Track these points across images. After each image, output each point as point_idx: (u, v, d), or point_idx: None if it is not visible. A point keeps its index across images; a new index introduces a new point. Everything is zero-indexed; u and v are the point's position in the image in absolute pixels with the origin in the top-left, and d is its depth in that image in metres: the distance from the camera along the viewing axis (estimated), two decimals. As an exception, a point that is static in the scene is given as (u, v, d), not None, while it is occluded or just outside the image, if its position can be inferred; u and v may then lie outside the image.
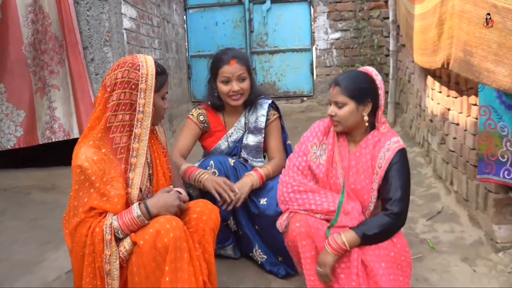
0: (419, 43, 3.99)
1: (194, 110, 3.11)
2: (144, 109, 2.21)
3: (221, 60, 3.01)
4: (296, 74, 8.14)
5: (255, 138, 3.08)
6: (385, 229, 2.35)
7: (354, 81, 2.44)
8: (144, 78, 2.20)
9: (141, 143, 2.23)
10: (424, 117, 4.84)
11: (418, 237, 3.37)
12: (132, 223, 2.16)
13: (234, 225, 2.98)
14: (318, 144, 2.54)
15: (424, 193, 4.09)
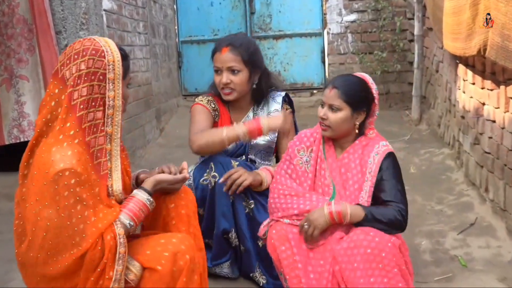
0: (450, 27, 3.99)
1: (200, 97, 3.15)
2: (114, 102, 2.19)
3: (217, 45, 3.06)
4: (304, 62, 8.14)
5: (265, 137, 3.10)
6: (390, 223, 2.49)
7: (353, 87, 2.64)
8: (111, 66, 2.17)
9: (113, 143, 2.22)
10: (454, 113, 4.85)
11: (448, 254, 3.37)
12: (142, 214, 2.25)
13: (236, 239, 2.98)
14: (306, 148, 2.73)
15: (454, 202, 4.09)
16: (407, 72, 7.44)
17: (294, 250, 2.52)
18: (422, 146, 5.54)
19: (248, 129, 2.83)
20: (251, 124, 2.85)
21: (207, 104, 3.11)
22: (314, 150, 2.71)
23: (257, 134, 2.86)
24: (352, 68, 7.75)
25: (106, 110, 2.18)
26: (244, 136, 2.84)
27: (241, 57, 2.99)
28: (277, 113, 3.10)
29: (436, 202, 4.16)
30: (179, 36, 8.35)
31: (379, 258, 2.36)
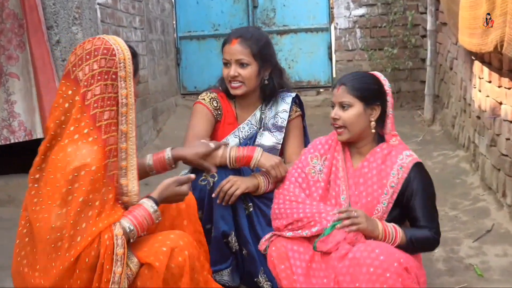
0: (466, 21, 3.99)
1: (204, 94, 3.18)
2: (127, 100, 2.29)
3: (227, 37, 3.11)
4: (310, 59, 8.15)
5: (272, 138, 3.12)
6: (426, 245, 2.54)
7: (362, 81, 2.63)
8: (122, 64, 2.29)
9: (129, 142, 2.30)
10: (469, 113, 4.84)
11: (463, 262, 3.37)
12: (146, 222, 2.27)
13: (236, 243, 2.99)
14: (319, 156, 2.73)
15: (469, 208, 4.08)
16: (419, 70, 7.44)
17: (293, 269, 2.51)
18: (435, 148, 5.54)
19: (237, 156, 2.90)
20: (243, 151, 2.91)
21: (209, 103, 3.12)
22: (328, 158, 2.69)
23: (244, 163, 2.91)
24: (361, 65, 7.75)
25: (119, 108, 2.27)
26: (231, 163, 2.91)
27: (251, 50, 3.01)
28: (284, 114, 3.12)
29: (450, 208, 4.15)
30: (177, 32, 8.36)
31: (383, 279, 2.29)
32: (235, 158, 2.89)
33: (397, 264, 2.33)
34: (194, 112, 3.12)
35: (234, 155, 2.89)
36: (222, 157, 2.89)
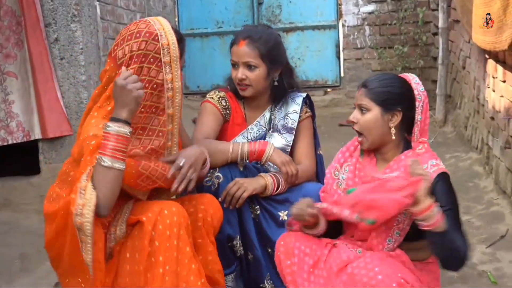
0: (480, 18, 3.99)
1: (212, 93, 3.18)
2: (173, 84, 2.46)
3: (235, 37, 3.10)
4: (317, 58, 8.15)
5: (281, 140, 3.12)
6: (455, 251, 2.33)
7: (385, 84, 2.56)
8: (166, 49, 2.42)
9: (174, 123, 2.53)
10: (483, 114, 4.84)
11: (476, 269, 3.36)
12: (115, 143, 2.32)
13: (241, 247, 2.99)
14: (339, 167, 2.71)
15: (483, 212, 4.08)
16: (431, 69, 7.44)
17: (298, 267, 2.52)
18: (447, 150, 5.53)
19: (250, 151, 2.92)
20: (255, 145, 2.93)
21: (217, 102, 3.12)
22: (351, 164, 2.67)
23: (255, 157, 2.93)
24: (370, 64, 7.76)
25: (165, 93, 2.45)
26: (244, 158, 2.93)
27: (259, 51, 3.00)
28: (295, 115, 3.12)
29: (463, 212, 4.14)
30: (180, 29, 8.37)
31: None
32: (248, 153, 2.91)
33: (396, 285, 2.27)
34: (202, 110, 3.13)
35: (247, 150, 2.91)
36: (234, 152, 2.90)
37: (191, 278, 2.38)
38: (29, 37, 4.29)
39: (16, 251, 3.51)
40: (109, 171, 2.27)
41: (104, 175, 2.27)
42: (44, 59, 4.32)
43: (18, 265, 3.43)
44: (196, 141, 2.98)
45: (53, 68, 4.35)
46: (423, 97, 2.56)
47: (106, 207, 2.27)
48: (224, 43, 8.17)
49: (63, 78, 4.35)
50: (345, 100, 7.80)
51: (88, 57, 4.43)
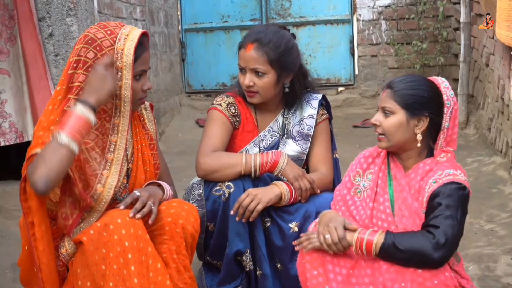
0: (504, 13, 3.98)
1: (220, 99, 3.12)
2: (121, 92, 2.47)
3: (244, 39, 3.04)
4: (330, 54, 8.15)
5: (297, 148, 3.08)
6: (412, 254, 2.37)
7: (411, 86, 2.53)
8: (120, 54, 2.45)
9: (119, 135, 2.52)
10: (508, 115, 4.83)
11: (500, 282, 3.36)
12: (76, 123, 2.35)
13: (251, 262, 2.97)
14: (362, 173, 2.67)
15: (507, 221, 4.07)
16: (452, 66, 7.42)
17: (330, 276, 2.48)
18: (469, 153, 5.52)
19: (262, 163, 2.89)
20: (267, 156, 2.90)
21: (226, 110, 3.07)
22: (374, 172, 2.64)
23: (267, 169, 2.90)
24: (387, 61, 7.76)
25: (113, 101, 2.46)
26: (256, 171, 2.90)
27: (267, 57, 2.94)
28: (311, 121, 3.10)
29: (486, 220, 4.14)
30: (183, 24, 8.39)
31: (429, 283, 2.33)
32: (259, 165, 2.88)
33: (448, 274, 2.36)
34: (209, 119, 3.08)
35: (259, 162, 2.88)
36: (247, 164, 2.88)
37: (158, 278, 2.41)
38: (22, 32, 4.30)
39: (7, 260, 3.51)
40: (62, 149, 2.28)
41: (55, 152, 2.28)
42: (38, 56, 4.33)
43: (10, 275, 3.44)
44: (203, 155, 2.94)
45: (47, 65, 4.36)
46: (452, 103, 2.53)
47: (45, 182, 2.28)
48: (229, 38, 8.18)
49: (58, 75, 4.36)
50: (359, 100, 7.80)
51: (84, 53, 4.45)
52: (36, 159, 2.30)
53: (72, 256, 2.46)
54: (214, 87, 8.28)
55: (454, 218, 2.40)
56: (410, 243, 2.38)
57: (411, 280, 2.34)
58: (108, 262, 2.33)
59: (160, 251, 2.49)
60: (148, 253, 2.40)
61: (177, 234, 2.54)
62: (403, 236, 2.42)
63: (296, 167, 2.90)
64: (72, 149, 2.30)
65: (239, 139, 3.09)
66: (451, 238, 2.38)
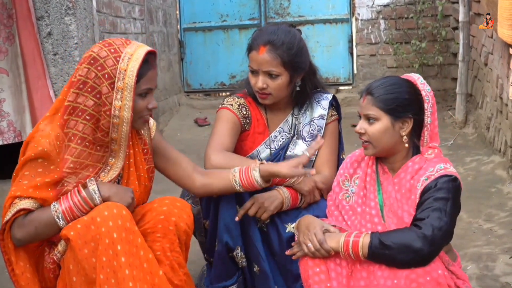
0: (506, 11, 3.97)
1: (231, 99, 3.07)
2: (120, 113, 2.43)
3: (253, 40, 2.98)
4: (328, 54, 8.15)
5: (305, 148, 3.04)
6: (400, 250, 2.38)
7: (391, 90, 2.54)
8: (122, 74, 2.40)
9: (119, 147, 2.52)
10: (506, 114, 4.83)
11: (498, 281, 3.35)
12: (79, 204, 2.42)
13: (244, 259, 2.97)
14: (349, 177, 2.70)
15: (506, 220, 4.07)
16: (450, 66, 7.42)
17: (332, 274, 2.49)
18: (468, 153, 5.52)
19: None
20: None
21: (237, 110, 3.04)
22: (360, 177, 2.65)
23: (278, 180, 2.84)
24: (385, 60, 7.75)
25: (111, 119, 2.43)
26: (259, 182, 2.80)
27: (281, 60, 2.91)
28: (321, 122, 3.09)
29: (485, 220, 4.14)
30: (181, 23, 8.39)
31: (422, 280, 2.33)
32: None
33: (441, 271, 2.37)
34: (220, 118, 3.03)
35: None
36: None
37: (153, 269, 2.42)
38: (21, 31, 4.30)
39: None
40: (56, 226, 2.40)
41: (48, 226, 2.40)
42: (36, 55, 4.33)
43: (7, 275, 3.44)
44: (215, 151, 2.91)
45: (45, 64, 4.35)
46: (431, 98, 2.56)
47: (27, 243, 2.44)
48: (228, 38, 8.18)
49: (56, 75, 4.36)
50: (358, 99, 7.66)
51: (83, 52, 4.44)
52: (28, 224, 2.39)
53: (64, 253, 2.45)
54: (213, 87, 8.28)
55: (442, 210, 2.41)
56: (397, 238, 2.40)
57: (404, 277, 2.35)
58: (98, 255, 2.33)
59: (154, 248, 2.49)
60: (138, 245, 2.40)
61: (170, 231, 2.55)
62: (389, 233, 2.44)
63: (309, 180, 2.88)
64: (59, 224, 2.40)
65: (250, 140, 3.07)
66: (438, 230, 2.39)
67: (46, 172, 2.39)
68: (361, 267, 2.48)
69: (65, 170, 2.42)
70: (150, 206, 2.59)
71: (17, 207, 2.38)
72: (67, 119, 2.43)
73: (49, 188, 2.40)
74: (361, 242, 2.42)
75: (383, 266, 2.41)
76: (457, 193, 2.48)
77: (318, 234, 2.48)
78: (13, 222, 2.40)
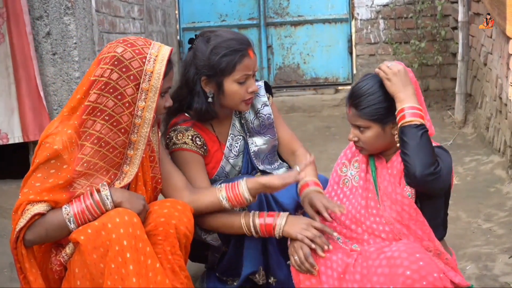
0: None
1: (180, 136, 2.90)
2: (143, 114, 2.49)
3: (235, 51, 2.82)
4: (328, 53, 8.15)
5: (265, 138, 3.05)
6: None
7: (373, 100, 2.59)
8: (148, 76, 2.46)
9: (135, 151, 2.54)
10: (506, 114, 4.83)
11: (497, 281, 3.36)
12: (91, 207, 2.44)
13: (264, 277, 2.93)
14: (348, 163, 2.75)
15: (505, 220, 4.07)
16: (450, 66, 7.42)
17: (323, 277, 2.51)
18: (467, 153, 5.52)
19: (260, 224, 2.74)
20: (264, 219, 2.75)
21: (193, 146, 2.91)
22: (359, 160, 2.71)
23: (267, 232, 2.75)
24: (384, 60, 7.69)
25: (132, 119, 2.48)
26: (256, 231, 2.77)
27: None
28: (267, 109, 3.06)
29: (484, 220, 4.14)
30: (180, 23, 8.40)
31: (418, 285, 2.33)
32: (258, 226, 2.74)
33: (436, 275, 2.36)
34: (182, 163, 2.88)
35: (258, 223, 2.75)
36: (247, 227, 2.76)
37: (158, 278, 2.42)
38: (12, 30, 4.26)
39: (5, 259, 3.51)
40: (66, 229, 2.41)
41: (58, 230, 2.41)
42: (28, 56, 4.28)
43: (7, 274, 3.44)
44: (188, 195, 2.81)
45: (37, 65, 4.32)
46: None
47: (31, 243, 2.43)
48: (227, 37, 8.17)
49: (56, 74, 4.36)
50: (357, 99, 7.79)
51: (82, 52, 4.45)
52: (38, 225, 2.40)
53: (71, 256, 2.46)
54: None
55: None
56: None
57: (401, 282, 2.35)
58: (107, 261, 2.33)
59: (155, 251, 2.49)
60: (146, 253, 2.40)
61: (171, 234, 2.54)
62: None
63: (297, 222, 2.69)
64: (70, 227, 2.41)
65: (211, 166, 2.98)
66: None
67: (58, 172, 2.39)
68: (355, 270, 2.50)
69: (77, 169, 2.42)
70: (151, 208, 2.59)
71: (31, 213, 2.37)
72: (86, 119, 2.44)
73: (61, 190, 2.40)
74: None
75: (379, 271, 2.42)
76: (446, 156, 2.55)
77: (304, 247, 2.54)
78: (27, 228, 2.40)
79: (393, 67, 2.55)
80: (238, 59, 2.80)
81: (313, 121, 7.12)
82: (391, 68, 2.55)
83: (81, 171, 2.43)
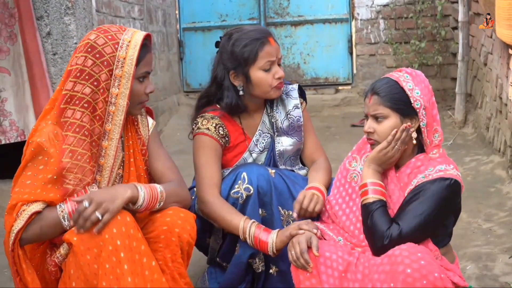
0: (504, 11, 3.98)
1: (205, 122, 3.00)
2: (117, 100, 2.47)
3: (256, 40, 2.93)
4: (328, 53, 8.15)
5: (292, 140, 3.09)
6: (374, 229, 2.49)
7: (396, 91, 2.56)
8: (121, 62, 2.45)
9: (110, 142, 2.53)
10: (506, 114, 4.83)
11: (497, 281, 3.36)
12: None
13: (263, 263, 2.93)
14: (358, 158, 2.73)
15: (505, 220, 4.07)
16: (450, 66, 7.43)
17: (323, 277, 2.49)
18: (467, 152, 5.52)
19: (255, 237, 2.78)
20: (260, 233, 2.78)
21: (215, 133, 2.99)
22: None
23: (260, 247, 2.79)
24: (385, 60, 7.75)
25: (107, 106, 2.47)
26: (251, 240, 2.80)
27: None
28: (297, 111, 3.10)
29: (484, 220, 4.14)
30: (181, 23, 8.39)
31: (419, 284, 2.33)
32: (253, 238, 2.78)
33: (437, 274, 2.35)
34: (200, 146, 2.98)
35: (253, 234, 2.79)
36: (243, 232, 2.80)
37: (154, 276, 2.41)
38: (24, 30, 4.30)
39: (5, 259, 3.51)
40: (55, 218, 2.40)
41: (52, 228, 2.41)
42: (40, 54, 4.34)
43: (8, 274, 3.44)
44: (209, 193, 2.88)
45: (45, 63, 4.36)
46: (423, 102, 2.59)
47: (26, 241, 2.42)
48: (228, 37, 8.17)
49: (56, 74, 4.37)
50: (357, 99, 7.79)
51: (82, 52, 4.45)
52: (33, 223, 2.38)
53: (65, 257, 2.46)
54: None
55: (427, 213, 2.46)
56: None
57: (401, 281, 2.35)
58: (101, 262, 2.32)
59: (155, 258, 2.48)
60: (141, 252, 2.39)
61: (173, 242, 2.52)
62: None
63: (286, 233, 2.70)
64: (64, 224, 2.41)
65: (232, 154, 3.05)
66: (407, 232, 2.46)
67: (47, 167, 2.38)
68: (356, 269, 2.49)
69: (63, 160, 2.40)
70: (153, 216, 2.57)
71: (28, 213, 2.36)
72: (64, 108, 2.43)
73: (54, 188, 2.40)
74: None
75: (380, 269, 2.42)
76: (451, 196, 2.50)
77: (302, 243, 2.52)
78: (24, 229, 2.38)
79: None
80: (259, 46, 2.92)
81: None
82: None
83: (68, 161, 2.41)
